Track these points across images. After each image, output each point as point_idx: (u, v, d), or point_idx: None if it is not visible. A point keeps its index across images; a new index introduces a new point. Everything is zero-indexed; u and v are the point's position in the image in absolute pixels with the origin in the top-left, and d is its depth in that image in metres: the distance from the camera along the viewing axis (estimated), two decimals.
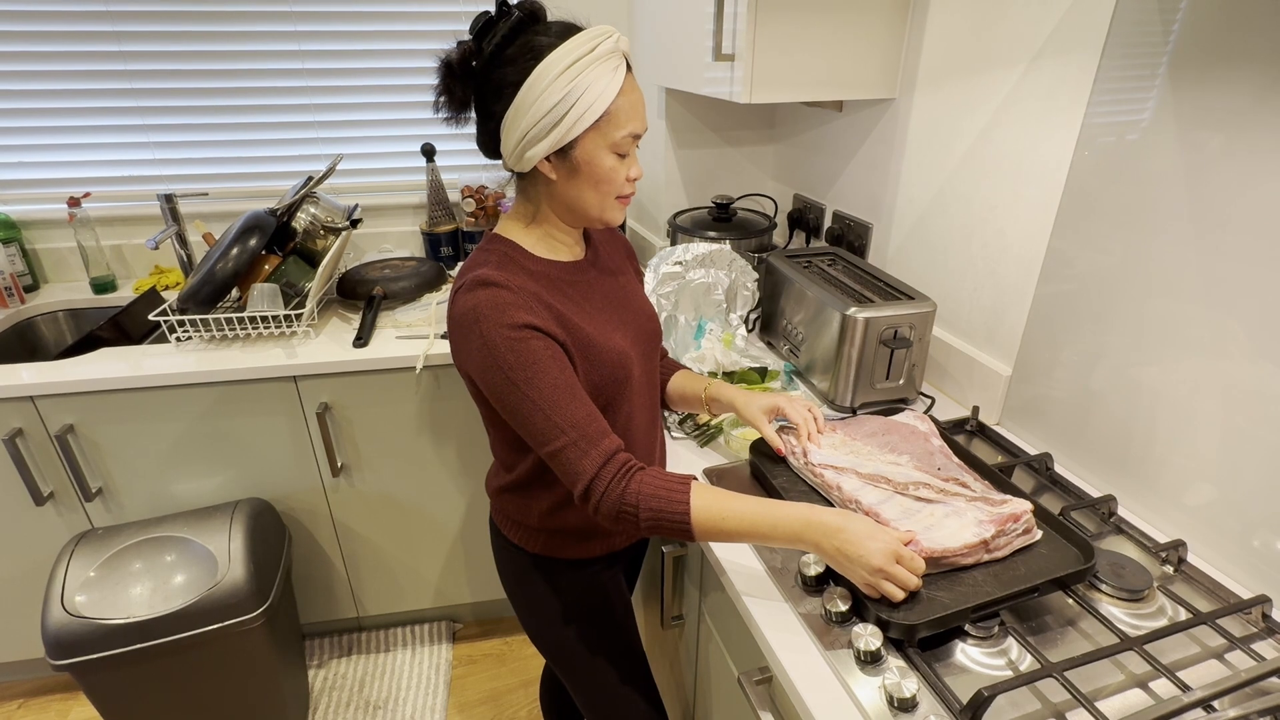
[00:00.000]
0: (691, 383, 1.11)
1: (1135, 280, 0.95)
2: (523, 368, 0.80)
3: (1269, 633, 0.80)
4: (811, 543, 0.80)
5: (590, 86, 0.78)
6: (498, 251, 0.87)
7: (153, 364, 1.44)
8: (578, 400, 0.82)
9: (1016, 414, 1.19)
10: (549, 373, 0.80)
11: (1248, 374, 0.83)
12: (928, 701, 0.71)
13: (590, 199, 0.86)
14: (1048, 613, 0.83)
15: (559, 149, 0.81)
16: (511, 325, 0.79)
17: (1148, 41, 0.89)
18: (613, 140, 0.82)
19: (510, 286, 0.81)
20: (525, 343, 0.80)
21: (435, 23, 1.85)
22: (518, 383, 0.80)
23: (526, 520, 0.99)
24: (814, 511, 0.81)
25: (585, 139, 0.81)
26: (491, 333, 0.79)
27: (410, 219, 2.03)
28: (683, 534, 0.81)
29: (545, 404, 0.80)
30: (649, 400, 1.01)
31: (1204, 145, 0.84)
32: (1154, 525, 0.97)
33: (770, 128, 1.83)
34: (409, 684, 1.79)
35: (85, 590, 1.35)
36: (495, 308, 0.80)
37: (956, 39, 1.20)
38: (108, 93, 1.75)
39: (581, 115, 0.79)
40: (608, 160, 0.83)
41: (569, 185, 0.85)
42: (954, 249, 1.27)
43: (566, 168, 0.83)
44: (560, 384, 0.81)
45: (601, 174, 0.83)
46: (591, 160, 0.82)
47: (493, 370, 0.80)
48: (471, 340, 0.81)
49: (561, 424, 0.80)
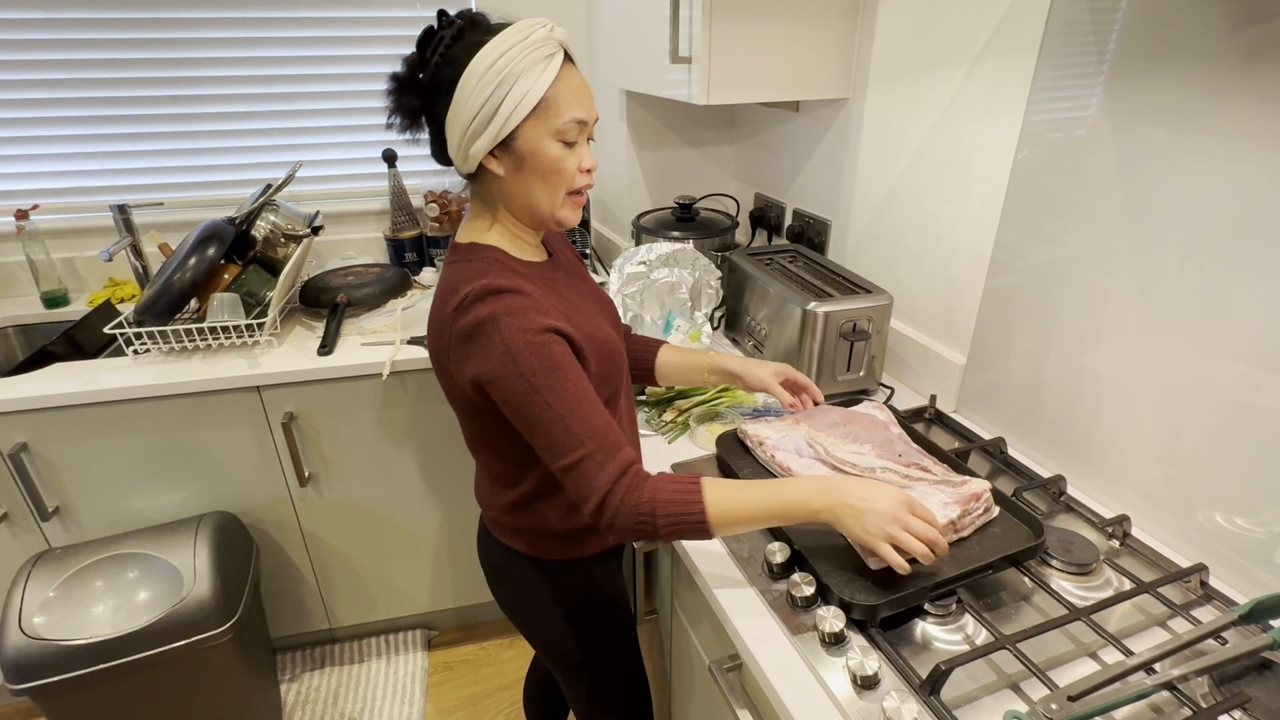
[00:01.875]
0: (688, 355, 1.12)
1: (1080, 270, 1.00)
2: (546, 373, 0.78)
3: (1207, 599, 0.85)
4: (826, 509, 0.79)
5: (524, 74, 0.77)
6: (490, 260, 0.84)
7: (109, 378, 1.41)
8: (596, 408, 0.80)
9: (972, 401, 1.23)
10: (570, 379, 0.79)
11: (1183, 357, 0.88)
12: (890, 678, 0.74)
13: (541, 194, 0.84)
14: (1002, 589, 0.87)
15: (501, 141, 0.81)
16: (534, 329, 0.78)
17: (1083, 42, 0.93)
18: (554, 127, 0.80)
19: (524, 291, 0.80)
20: (548, 347, 0.79)
21: (394, 28, 1.84)
22: (540, 389, 0.78)
23: (545, 529, 0.97)
24: (820, 480, 0.82)
25: (526, 128, 0.80)
26: (515, 338, 0.77)
27: (373, 225, 2.01)
28: (701, 533, 0.80)
29: (566, 413, 0.78)
30: (629, 387, 1.03)
31: (1145, 140, 0.88)
32: (1101, 502, 1.02)
33: (730, 128, 1.86)
34: (384, 694, 1.77)
35: (44, 611, 1.32)
36: (515, 313, 0.78)
37: (904, 40, 1.24)
38: (55, 101, 1.71)
39: (518, 104, 0.78)
40: (552, 149, 0.81)
41: (518, 181, 0.84)
42: (908, 244, 1.31)
43: (512, 161, 0.82)
44: (581, 391, 0.80)
45: (547, 164, 0.82)
46: (535, 150, 0.81)
47: (514, 378, 0.78)
48: (490, 349, 0.78)
49: (581, 434, 0.78)
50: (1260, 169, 0.77)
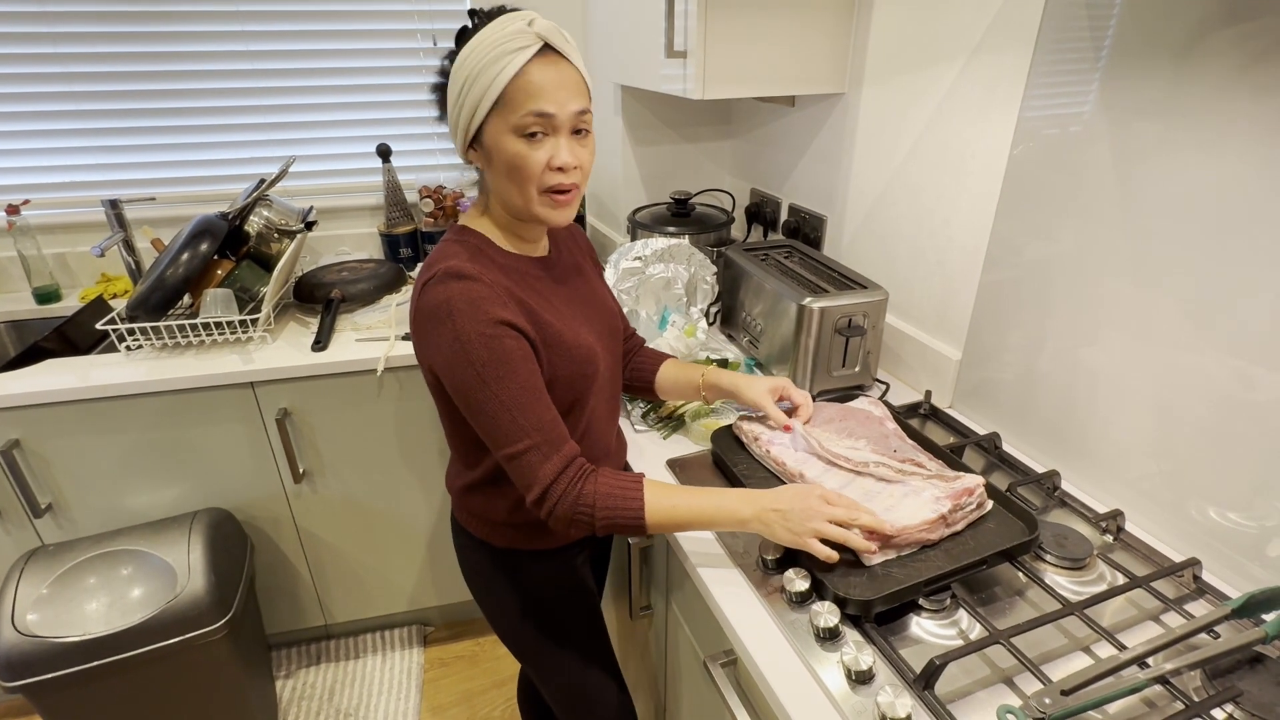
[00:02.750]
0: (685, 371, 1.13)
1: (1075, 265, 1.00)
2: (495, 365, 0.79)
3: (1199, 593, 0.85)
4: (753, 518, 0.84)
5: (485, 70, 0.77)
6: (469, 244, 0.86)
7: (102, 374, 1.40)
8: (543, 403, 0.82)
9: (967, 396, 1.24)
10: (519, 373, 0.80)
11: (1178, 352, 0.88)
12: (884, 673, 0.74)
13: (511, 190, 0.83)
14: (996, 584, 0.87)
15: (474, 137, 0.82)
16: (487, 321, 0.79)
17: (1079, 37, 0.93)
18: (511, 123, 0.78)
19: (483, 279, 0.81)
20: (499, 340, 0.79)
21: (388, 21, 1.83)
22: (488, 380, 0.79)
23: (493, 516, 0.99)
24: (745, 492, 0.87)
25: (489, 124, 0.80)
26: (466, 327, 0.78)
27: (368, 220, 2.00)
28: (636, 530, 0.84)
29: (513, 404, 0.80)
30: (611, 393, 1.03)
31: (1141, 136, 0.88)
32: (1095, 497, 1.02)
33: (726, 123, 1.85)
34: (380, 690, 1.77)
35: (37, 609, 1.31)
36: (470, 302, 0.79)
37: (900, 34, 1.23)
38: (47, 95, 1.69)
39: (480, 99, 0.78)
40: (511, 144, 0.79)
41: (492, 176, 0.85)
42: (904, 239, 1.31)
43: (482, 157, 0.84)
44: (529, 385, 0.81)
45: (508, 160, 0.80)
46: (497, 145, 0.80)
47: (463, 366, 0.79)
48: (442, 334, 0.79)
49: (527, 426, 0.81)
50: (1256, 165, 0.77)
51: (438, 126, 1.13)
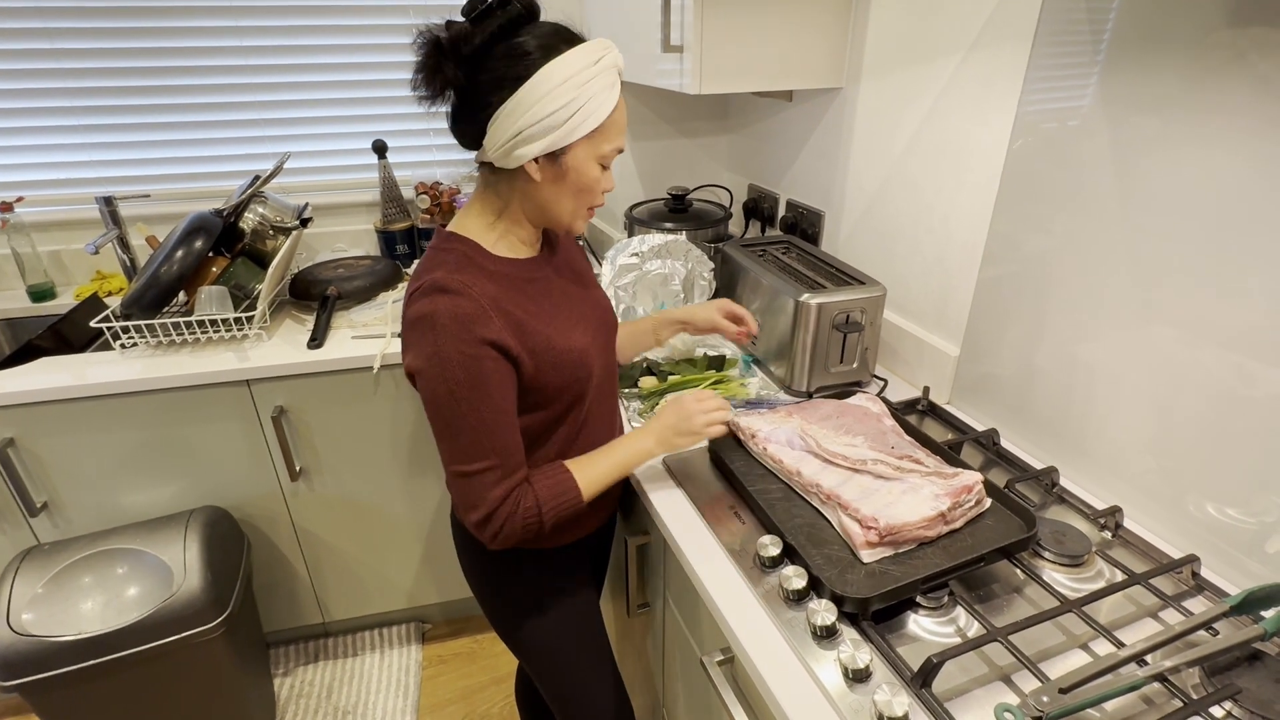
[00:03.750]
0: (635, 325, 1.17)
1: (1073, 261, 0.99)
2: (470, 387, 0.80)
3: (1198, 590, 0.85)
4: (656, 444, 0.96)
5: (594, 97, 0.79)
6: (456, 252, 0.85)
7: (97, 372, 1.39)
8: (510, 429, 0.85)
9: (965, 392, 1.23)
10: (493, 397, 0.82)
11: (1176, 348, 0.88)
12: (881, 671, 0.73)
13: (566, 205, 0.87)
14: (994, 581, 0.87)
15: (550, 152, 0.81)
16: (470, 341, 0.79)
17: (1078, 31, 0.92)
18: (601, 152, 0.84)
19: (469, 294, 0.80)
20: (480, 362, 0.80)
21: (384, 15, 1.82)
22: (460, 399, 0.81)
23: None
24: (639, 431, 0.98)
25: (578, 146, 0.82)
26: (447, 346, 0.79)
27: (364, 217, 1.99)
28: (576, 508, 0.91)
29: (480, 427, 0.82)
30: (609, 390, 1.03)
31: (1140, 130, 0.87)
32: (1093, 494, 1.02)
33: (723, 119, 1.84)
34: (378, 687, 1.77)
35: (33, 608, 1.31)
36: (454, 320, 0.79)
37: (898, 28, 1.23)
38: (40, 92, 1.68)
39: (582, 123, 0.80)
40: (593, 170, 0.85)
41: (551, 189, 0.85)
42: (902, 234, 1.31)
43: (554, 172, 0.84)
44: (501, 409, 0.83)
45: (585, 183, 0.85)
46: (580, 168, 0.84)
47: (438, 381, 0.80)
48: (424, 345, 0.80)
49: (489, 449, 0.83)
50: (1254, 159, 0.76)
51: (433, 122, 1.11)
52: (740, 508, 0.99)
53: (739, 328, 1.16)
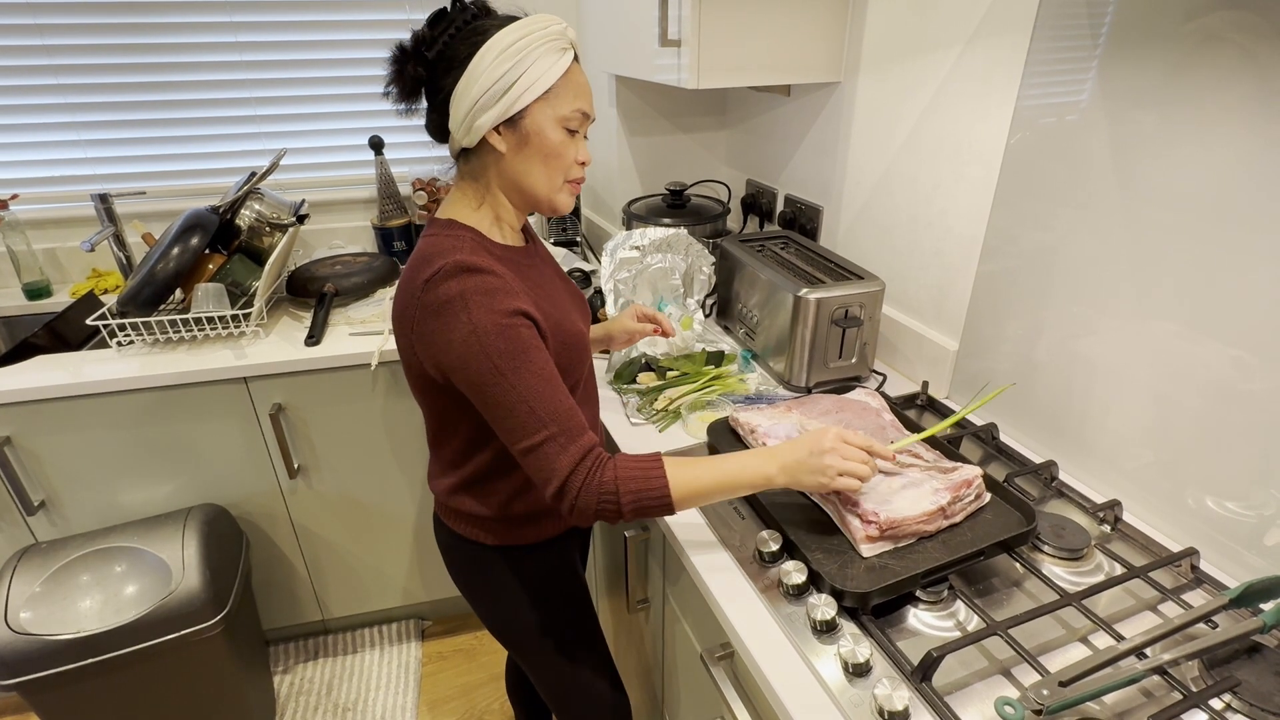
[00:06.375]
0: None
1: (1072, 255, 0.99)
2: (512, 355, 0.78)
3: (1197, 583, 0.85)
4: (779, 472, 0.83)
5: (538, 60, 0.81)
6: (466, 238, 0.85)
7: (93, 370, 1.39)
8: (561, 392, 0.81)
9: (964, 387, 1.23)
10: (535, 362, 0.80)
11: (1175, 342, 0.88)
12: (881, 665, 0.73)
13: (539, 175, 0.86)
14: (994, 575, 0.87)
15: (508, 118, 0.82)
16: (504, 312, 0.79)
17: (1077, 25, 0.92)
18: (561, 114, 0.84)
19: (495, 271, 0.81)
20: (516, 330, 0.79)
21: (379, 11, 1.81)
22: (505, 371, 0.78)
23: (484, 513, 0.98)
24: (764, 451, 0.86)
25: (534, 109, 0.83)
26: (482, 319, 0.78)
27: (361, 214, 1.99)
28: (664, 509, 0.82)
29: (530, 395, 0.79)
30: (592, 387, 1.06)
31: (1139, 125, 0.87)
32: (1092, 488, 1.02)
33: (721, 114, 1.84)
34: (378, 684, 1.77)
35: (31, 606, 1.30)
36: (486, 293, 0.78)
37: (896, 22, 1.22)
38: (35, 89, 1.67)
39: (530, 85, 0.81)
40: (556, 134, 0.84)
41: (518, 158, 0.85)
42: (900, 229, 1.30)
43: (516, 138, 0.84)
44: (546, 374, 0.81)
45: (550, 147, 0.84)
46: (540, 131, 0.83)
47: (479, 358, 0.78)
48: (456, 328, 0.78)
49: (545, 417, 0.79)
50: (1253, 154, 0.76)
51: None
52: (739, 503, 0.99)
53: (653, 325, 1.17)
